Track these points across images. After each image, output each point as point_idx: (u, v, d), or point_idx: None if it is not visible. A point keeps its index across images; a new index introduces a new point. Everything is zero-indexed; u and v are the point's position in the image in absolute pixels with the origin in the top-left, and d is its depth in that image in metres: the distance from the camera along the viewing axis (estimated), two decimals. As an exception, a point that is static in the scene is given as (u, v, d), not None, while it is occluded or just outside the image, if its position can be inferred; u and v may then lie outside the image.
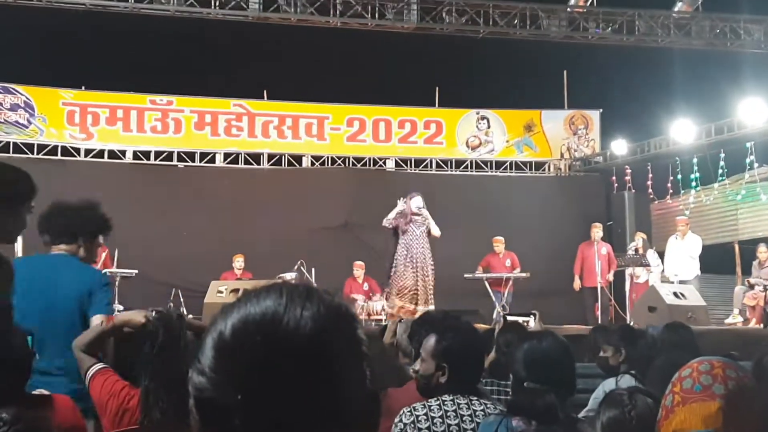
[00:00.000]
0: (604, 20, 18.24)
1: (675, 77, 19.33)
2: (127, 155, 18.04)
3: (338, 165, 18.88)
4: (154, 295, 14.90)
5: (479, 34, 17.95)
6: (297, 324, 1.20)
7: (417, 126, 19.28)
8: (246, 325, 1.21)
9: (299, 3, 17.12)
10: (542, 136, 19.61)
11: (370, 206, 17.32)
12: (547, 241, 17.19)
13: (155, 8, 16.71)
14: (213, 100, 18.66)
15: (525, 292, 15.36)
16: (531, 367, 3.53)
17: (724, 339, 10.15)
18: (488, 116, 19.54)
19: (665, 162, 17.30)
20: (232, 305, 1.26)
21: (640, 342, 6.37)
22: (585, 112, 19.77)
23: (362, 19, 17.47)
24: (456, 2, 17.66)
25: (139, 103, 18.32)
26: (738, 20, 18.39)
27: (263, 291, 1.26)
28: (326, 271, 14.93)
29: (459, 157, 19.35)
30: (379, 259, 16.27)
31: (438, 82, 19.55)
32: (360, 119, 19.11)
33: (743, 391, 2.27)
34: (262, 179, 18.19)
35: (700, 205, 16.90)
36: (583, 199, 18.41)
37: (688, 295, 12.87)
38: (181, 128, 18.33)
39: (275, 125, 18.74)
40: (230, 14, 17.04)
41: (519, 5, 17.87)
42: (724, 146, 15.96)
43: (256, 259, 15.40)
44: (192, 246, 16.45)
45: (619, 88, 19.59)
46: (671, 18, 18.37)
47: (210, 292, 12.98)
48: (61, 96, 17.90)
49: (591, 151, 19.59)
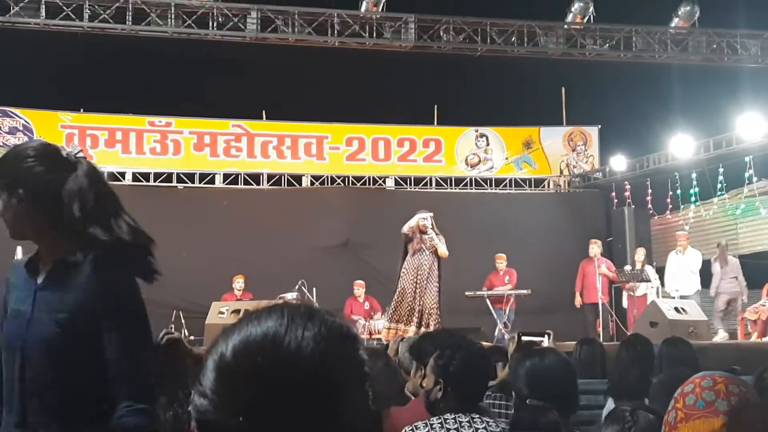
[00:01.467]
0: (601, 37, 18.30)
1: (673, 92, 19.40)
2: (127, 177, 18.05)
3: (338, 184, 18.88)
4: (155, 316, 14.63)
5: (477, 52, 18.01)
6: (298, 345, 1.19)
7: (416, 144, 19.30)
8: (247, 346, 1.21)
9: (297, 23, 17.18)
10: (541, 152, 19.62)
11: (370, 225, 17.36)
12: (548, 257, 17.18)
13: (153, 30, 16.77)
14: (212, 120, 18.67)
15: (527, 309, 15.34)
16: (533, 384, 3.52)
17: (725, 353, 10.12)
18: (487, 134, 19.55)
19: (664, 177, 17.29)
20: (233, 326, 1.26)
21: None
22: (584, 128, 19.79)
23: (360, 38, 17.52)
24: (453, 21, 17.73)
25: (138, 124, 18.33)
26: (735, 35, 18.46)
27: (264, 312, 1.26)
28: (327, 290, 14.92)
29: (458, 175, 19.36)
30: (381, 278, 16.28)
31: (437, 101, 19.59)
32: (359, 138, 19.13)
33: (746, 407, 2.26)
34: (261, 199, 18.19)
35: (700, 220, 16.89)
36: (583, 216, 18.41)
37: (689, 309, 12.86)
38: (180, 149, 18.34)
39: (274, 145, 18.75)
40: (228, 35, 17.10)
41: (516, 23, 17.92)
42: (723, 161, 15.97)
43: (256, 280, 15.37)
44: (192, 267, 16.42)
45: (617, 104, 19.63)
46: (668, 34, 18.43)
47: (211, 313, 12.98)
48: (60, 119, 17.91)
49: (590, 168, 19.60)
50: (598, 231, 17.38)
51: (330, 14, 17.30)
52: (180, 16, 16.79)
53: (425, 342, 4.60)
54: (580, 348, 7.05)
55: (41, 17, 16.21)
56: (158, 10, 16.68)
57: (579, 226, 17.83)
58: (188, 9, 16.85)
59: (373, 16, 17.40)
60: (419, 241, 12.56)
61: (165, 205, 17.42)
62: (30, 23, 16.30)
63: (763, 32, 18.48)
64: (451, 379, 3.80)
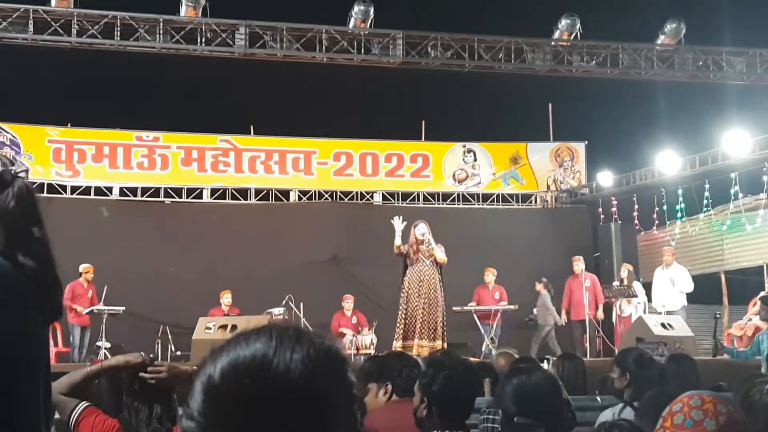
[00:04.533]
0: (588, 53, 18.38)
1: (659, 109, 19.50)
2: (114, 192, 17.99)
3: (325, 199, 18.87)
4: (141, 332, 14.84)
5: (465, 68, 18.06)
6: (287, 367, 1.19)
7: (404, 159, 19.31)
8: (235, 368, 1.20)
9: (285, 39, 17.21)
10: (528, 168, 19.66)
11: (357, 240, 17.36)
12: (535, 273, 17.14)
13: (141, 45, 16.77)
14: (200, 135, 18.65)
15: (513, 324, 15.35)
16: (520, 402, 3.52)
17: (712, 369, 10.14)
18: (474, 149, 19.58)
19: (651, 193, 17.35)
20: (221, 348, 1.25)
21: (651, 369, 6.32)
22: (570, 144, 19.84)
23: (348, 54, 17.55)
24: (441, 37, 17.78)
25: (126, 139, 18.28)
26: (720, 52, 18.56)
27: (253, 333, 1.25)
28: (315, 305, 14.90)
29: (446, 190, 19.37)
30: (368, 293, 16.28)
31: (424, 116, 19.61)
32: (347, 153, 19.13)
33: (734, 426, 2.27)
34: (249, 214, 18.16)
35: (686, 236, 16.93)
36: (570, 231, 18.44)
37: (675, 325, 12.88)
38: (167, 164, 18.30)
39: (262, 160, 18.74)
40: (217, 51, 17.10)
41: (504, 39, 17.98)
42: (709, 177, 16.02)
43: (243, 295, 15.33)
44: (179, 282, 16.40)
45: (604, 120, 19.71)
46: (654, 51, 18.52)
47: (198, 328, 12.93)
48: (47, 133, 17.86)
49: (577, 183, 19.65)
50: (585, 247, 17.41)
51: (318, 30, 17.33)
52: (168, 32, 16.79)
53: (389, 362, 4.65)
54: (562, 364, 7.05)
55: (29, 33, 16.18)
56: (146, 25, 16.68)
57: (566, 241, 17.86)
58: (176, 24, 16.85)
59: (362, 32, 17.43)
60: (416, 252, 12.51)
61: (152, 220, 17.40)
62: (18, 38, 16.28)
63: (748, 50, 18.59)
64: (435, 397, 3.82)
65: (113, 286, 14.41)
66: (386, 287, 17.00)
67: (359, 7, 17.04)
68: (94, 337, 14.41)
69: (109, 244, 16.19)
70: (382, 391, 4.34)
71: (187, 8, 16.66)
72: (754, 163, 15.13)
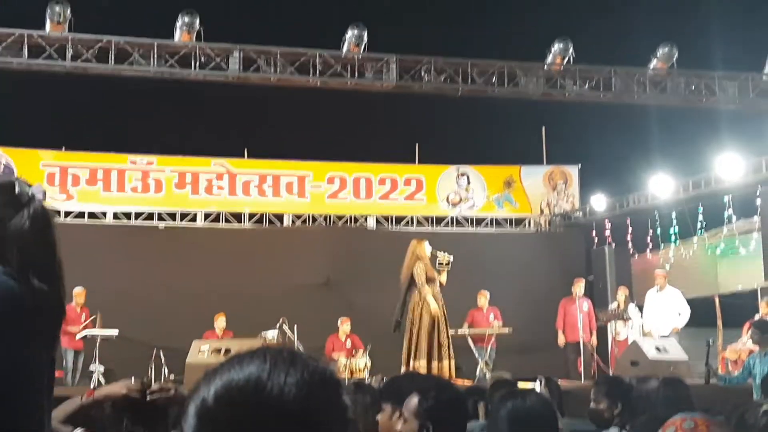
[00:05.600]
0: (581, 77, 18.41)
1: (652, 133, 19.56)
2: (108, 216, 17.97)
3: (319, 223, 18.87)
4: (135, 355, 14.77)
5: (458, 92, 18.07)
6: (281, 391, 1.18)
7: (397, 183, 19.32)
8: (229, 391, 1.20)
9: (279, 63, 17.23)
10: (522, 191, 19.67)
11: (351, 263, 17.35)
12: (529, 296, 17.17)
13: (135, 69, 16.77)
14: (193, 159, 18.65)
15: (507, 347, 15.31)
16: (515, 426, 3.51)
17: (706, 393, 10.13)
18: (468, 172, 19.59)
19: (644, 216, 17.36)
20: (215, 371, 1.24)
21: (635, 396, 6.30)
22: (564, 167, 19.86)
23: (342, 78, 17.57)
24: (435, 61, 17.80)
25: (120, 163, 18.27)
26: (712, 76, 18.60)
27: (246, 356, 1.25)
28: (308, 328, 14.84)
29: (439, 214, 19.37)
30: (361, 316, 16.24)
31: (418, 139, 19.66)
32: (341, 177, 19.13)
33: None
34: (243, 238, 18.14)
35: (680, 259, 16.93)
36: (564, 255, 18.44)
37: (669, 349, 12.87)
38: (161, 188, 18.29)
39: (256, 184, 18.73)
40: (211, 75, 17.12)
41: (497, 63, 18.02)
42: (703, 200, 16.04)
43: (237, 318, 15.29)
44: (173, 306, 16.35)
45: (597, 143, 19.78)
46: (647, 75, 18.56)
47: (192, 351, 12.89)
48: (41, 157, 17.84)
49: (570, 207, 19.66)
50: (579, 270, 17.40)
51: (312, 54, 17.35)
52: (162, 56, 16.79)
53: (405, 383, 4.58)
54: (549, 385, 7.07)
55: (24, 57, 16.19)
56: (141, 50, 16.68)
57: (559, 265, 17.87)
58: (171, 49, 16.86)
59: (355, 56, 17.46)
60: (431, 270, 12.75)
61: (146, 244, 17.38)
62: (12, 63, 16.27)
63: (740, 74, 18.64)
64: (435, 421, 3.78)
65: (107, 310, 14.37)
66: (380, 310, 16.97)
67: (353, 32, 17.08)
68: (88, 360, 14.38)
69: (103, 268, 16.14)
70: (396, 415, 4.23)
71: (181, 32, 16.68)
72: (747, 186, 15.14)
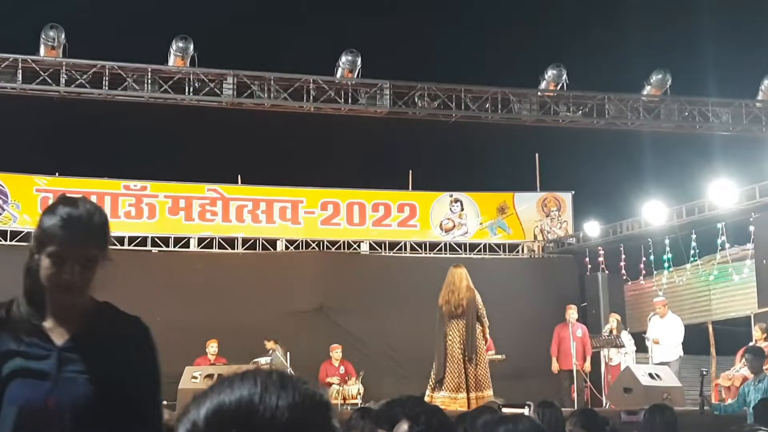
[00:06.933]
0: (574, 104, 18.48)
1: (645, 159, 19.60)
2: (101, 241, 17.91)
3: (312, 248, 18.83)
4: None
5: (452, 118, 18.13)
6: (273, 414, 1.17)
7: (391, 209, 19.31)
8: (220, 414, 1.19)
9: (273, 89, 17.28)
10: (515, 218, 19.68)
11: (344, 289, 17.32)
12: (522, 323, 17.13)
13: (129, 95, 16.81)
14: (187, 185, 18.64)
15: (500, 374, 15.24)
16: (508, 452, 3.49)
17: (700, 420, 10.11)
18: (462, 199, 19.60)
19: (638, 243, 17.37)
20: (205, 394, 1.23)
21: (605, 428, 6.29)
22: (557, 194, 19.88)
23: (335, 104, 17.62)
24: (428, 87, 17.87)
25: (113, 188, 18.25)
26: (706, 103, 18.68)
27: (237, 379, 1.23)
28: (301, 355, 14.82)
29: (433, 240, 19.36)
30: (355, 343, 16.21)
31: (411, 166, 19.67)
32: (334, 203, 19.13)
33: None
34: (236, 264, 18.11)
35: (673, 286, 16.92)
36: (557, 281, 18.43)
37: (663, 376, 12.84)
38: (155, 213, 18.26)
39: (249, 209, 18.72)
40: (204, 100, 17.15)
41: (490, 89, 18.08)
42: (696, 227, 16.05)
43: (230, 344, 15.25)
44: (166, 331, 16.11)
45: (590, 170, 19.80)
46: (640, 101, 18.64)
47: (184, 377, 12.87)
48: (35, 182, 17.82)
49: (564, 233, 19.66)
50: (572, 296, 17.39)
51: (306, 80, 17.41)
52: (156, 81, 16.84)
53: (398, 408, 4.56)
54: (542, 412, 7.04)
55: (18, 82, 16.22)
56: (135, 75, 16.73)
57: (553, 291, 17.85)
58: (165, 74, 16.91)
59: (349, 82, 17.52)
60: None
61: (139, 269, 17.28)
62: (6, 87, 16.30)
63: (733, 100, 18.73)
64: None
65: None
66: (373, 337, 16.97)
67: (346, 57, 17.16)
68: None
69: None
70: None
71: (175, 58, 16.73)
72: (740, 213, 15.17)
